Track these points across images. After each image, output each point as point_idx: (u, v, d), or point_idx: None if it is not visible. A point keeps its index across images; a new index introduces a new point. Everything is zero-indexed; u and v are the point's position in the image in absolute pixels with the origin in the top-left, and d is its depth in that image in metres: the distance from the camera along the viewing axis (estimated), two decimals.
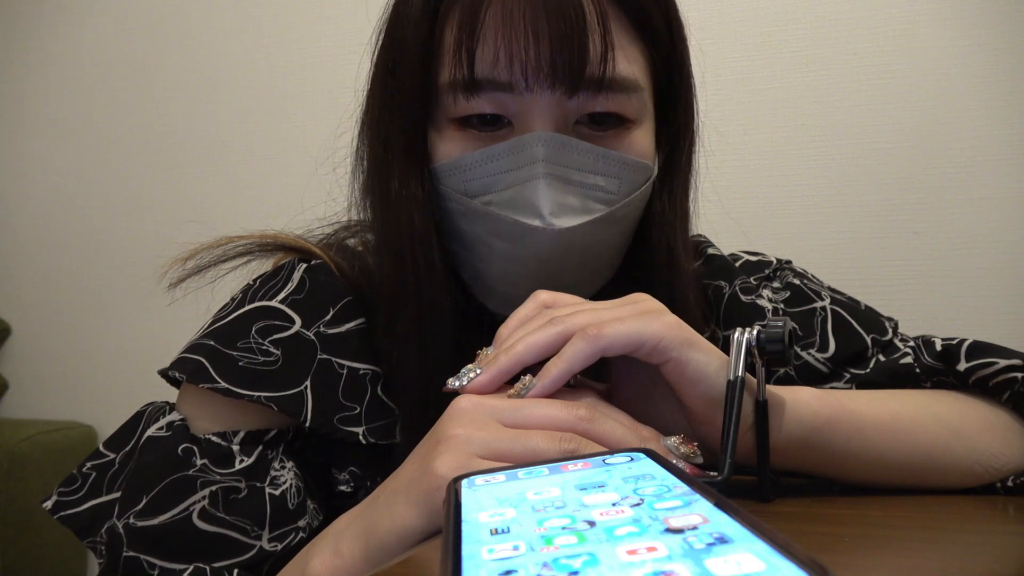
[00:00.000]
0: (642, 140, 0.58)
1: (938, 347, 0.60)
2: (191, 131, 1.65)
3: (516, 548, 0.23)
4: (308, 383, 0.55)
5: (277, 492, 0.53)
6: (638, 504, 0.26)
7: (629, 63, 0.55)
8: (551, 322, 0.43)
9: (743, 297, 0.67)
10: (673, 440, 0.42)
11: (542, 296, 0.48)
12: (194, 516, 0.51)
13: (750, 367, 0.43)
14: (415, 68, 0.56)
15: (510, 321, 0.47)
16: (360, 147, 0.62)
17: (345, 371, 0.57)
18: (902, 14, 1.24)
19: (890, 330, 0.66)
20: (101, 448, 0.58)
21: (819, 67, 1.28)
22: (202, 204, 1.62)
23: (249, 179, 1.60)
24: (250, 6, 1.62)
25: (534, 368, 0.43)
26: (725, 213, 0.85)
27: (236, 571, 0.51)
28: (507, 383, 0.43)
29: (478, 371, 0.43)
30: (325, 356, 0.57)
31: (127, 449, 0.57)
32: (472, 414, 0.40)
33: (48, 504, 0.56)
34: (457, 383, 0.43)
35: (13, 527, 1.44)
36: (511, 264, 0.56)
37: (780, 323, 0.44)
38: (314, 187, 0.72)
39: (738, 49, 1.31)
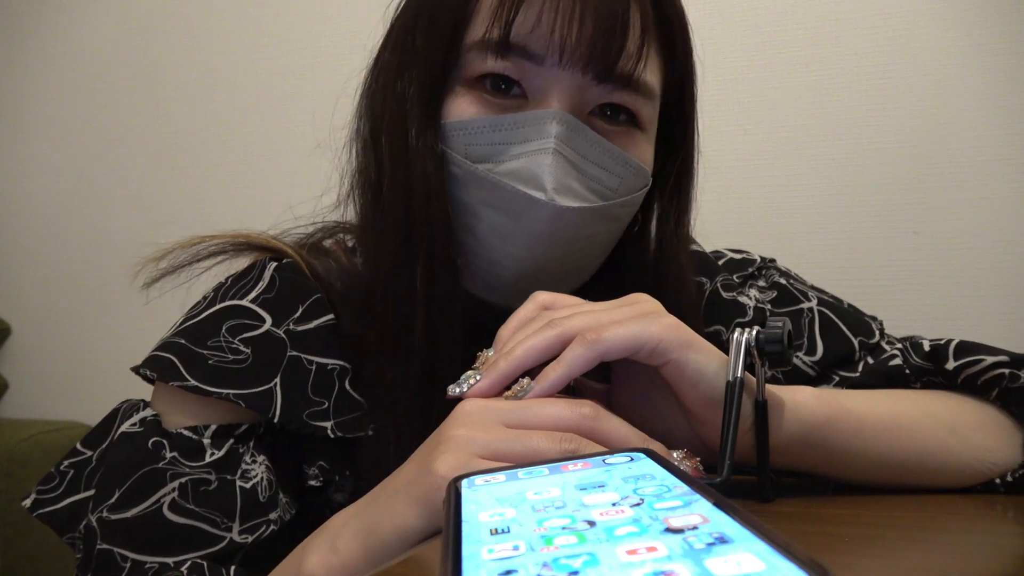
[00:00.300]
0: (646, 148, 0.59)
1: (926, 348, 0.60)
2: (191, 131, 1.65)
3: (516, 548, 0.23)
4: (278, 380, 0.56)
5: (248, 485, 0.53)
6: (638, 504, 0.26)
7: (654, 72, 0.56)
8: (550, 325, 0.43)
9: (724, 294, 0.67)
10: (676, 454, 0.42)
11: (541, 297, 0.48)
12: (164, 508, 0.51)
13: (749, 367, 0.43)
14: (446, 24, 0.55)
15: (510, 322, 0.47)
16: (359, 120, 0.62)
17: (314, 367, 0.58)
18: (902, 14, 1.24)
19: (876, 331, 0.66)
20: (78, 446, 0.59)
21: (819, 67, 1.28)
22: (202, 204, 1.62)
23: (249, 179, 1.60)
24: (250, 6, 1.62)
25: (535, 369, 0.43)
26: (724, 214, 0.85)
27: (207, 563, 0.51)
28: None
29: (478, 377, 0.43)
30: (294, 353, 0.57)
31: (103, 446, 0.58)
32: (475, 416, 0.40)
33: (27, 502, 0.57)
34: (457, 390, 0.43)
35: (13, 527, 1.44)
36: (499, 239, 0.56)
37: (780, 323, 0.44)
38: (313, 187, 0.72)
39: (738, 49, 1.31)
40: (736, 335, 0.44)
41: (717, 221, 0.81)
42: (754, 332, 0.44)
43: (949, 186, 1.22)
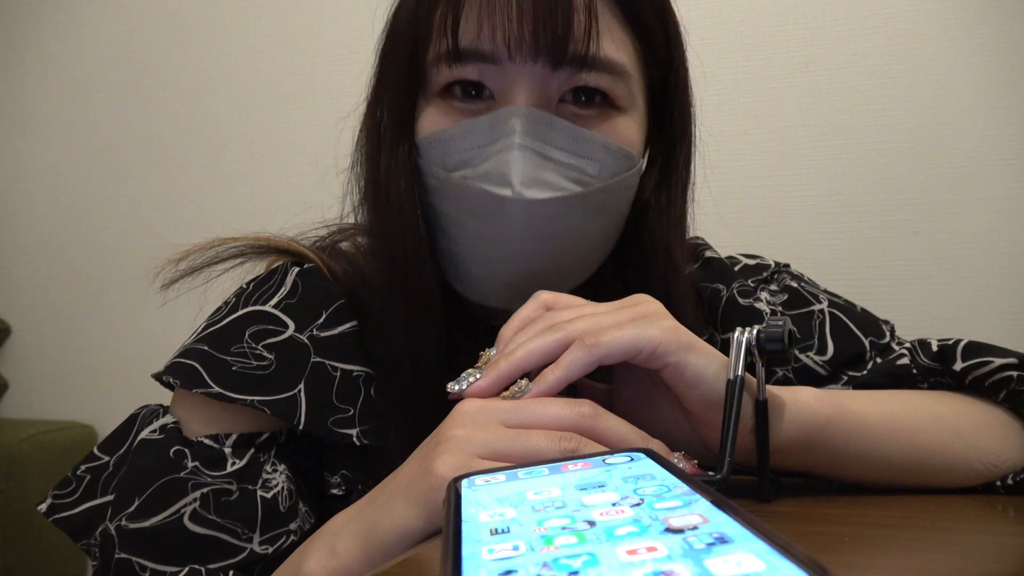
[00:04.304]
0: (628, 128, 0.57)
1: (934, 348, 0.60)
2: (191, 131, 1.65)
3: (516, 548, 0.23)
4: (302, 387, 0.55)
5: (268, 495, 0.53)
6: (638, 504, 0.26)
7: (617, 48, 0.55)
8: (551, 328, 0.43)
9: (741, 300, 0.67)
10: (675, 455, 0.42)
11: (543, 297, 0.48)
12: (185, 518, 0.51)
13: (750, 367, 0.43)
14: (405, 48, 0.57)
15: (512, 322, 0.47)
16: (359, 141, 0.63)
17: (339, 373, 0.57)
18: (902, 14, 1.24)
19: (887, 333, 0.66)
20: (95, 451, 0.58)
21: (819, 67, 1.28)
22: (201, 204, 1.62)
23: (249, 179, 1.60)
24: (250, 6, 1.62)
25: (535, 371, 0.43)
26: (723, 214, 0.85)
27: (230, 573, 0.51)
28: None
29: (477, 376, 0.43)
30: (319, 359, 0.57)
31: (121, 452, 0.57)
32: (475, 416, 0.40)
33: (43, 507, 0.56)
34: (457, 387, 0.43)
35: (13, 527, 1.44)
36: (482, 245, 0.55)
37: (780, 323, 0.44)
38: (315, 189, 0.72)
39: (738, 49, 1.31)
40: (736, 334, 0.44)
41: (717, 221, 0.81)
42: (754, 331, 0.44)
43: (949, 186, 1.22)
